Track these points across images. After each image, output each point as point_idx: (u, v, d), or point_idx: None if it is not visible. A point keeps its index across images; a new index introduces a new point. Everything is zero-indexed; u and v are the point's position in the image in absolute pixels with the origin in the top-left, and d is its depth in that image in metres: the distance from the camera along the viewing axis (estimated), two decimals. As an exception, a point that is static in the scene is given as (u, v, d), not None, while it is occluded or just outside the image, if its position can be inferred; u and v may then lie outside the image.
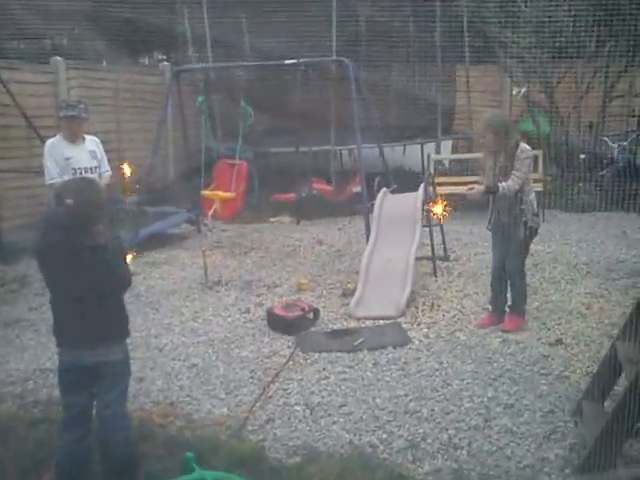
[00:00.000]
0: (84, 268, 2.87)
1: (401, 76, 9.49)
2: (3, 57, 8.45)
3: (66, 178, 5.00)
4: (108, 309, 2.99)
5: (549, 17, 8.36)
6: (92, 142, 5.32)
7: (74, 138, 5.16)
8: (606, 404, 3.51)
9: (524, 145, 4.80)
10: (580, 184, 9.07)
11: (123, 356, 3.11)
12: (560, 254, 6.82)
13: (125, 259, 3.15)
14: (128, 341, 4.35)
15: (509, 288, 5.02)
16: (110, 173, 5.47)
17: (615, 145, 9.29)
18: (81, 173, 5.08)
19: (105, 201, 3.03)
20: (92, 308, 2.91)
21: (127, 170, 6.20)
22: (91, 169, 5.17)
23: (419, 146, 9.67)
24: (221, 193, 7.24)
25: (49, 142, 5.22)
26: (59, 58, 8.06)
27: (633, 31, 7.78)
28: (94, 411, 3.08)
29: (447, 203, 6.34)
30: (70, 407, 3.09)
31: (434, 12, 9.24)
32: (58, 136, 5.21)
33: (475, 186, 4.88)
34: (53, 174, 5.09)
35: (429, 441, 3.50)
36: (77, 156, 5.13)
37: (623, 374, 3.35)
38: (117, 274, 2.99)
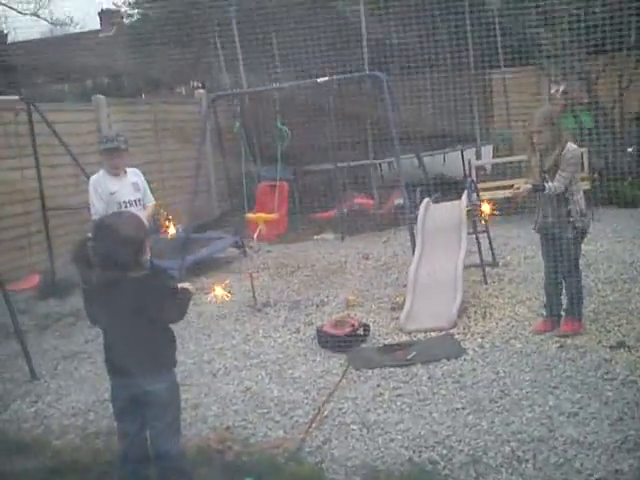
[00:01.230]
0: (124, 301, 2.90)
1: (436, 84, 9.41)
2: (49, 100, 8.77)
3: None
4: (151, 339, 3.00)
5: (583, 11, 8.18)
6: (134, 174, 5.42)
7: (116, 171, 5.26)
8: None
9: (571, 144, 4.70)
10: (629, 178, 8.79)
11: (169, 385, 3.11)
12: (614, 252, 6.60)
13: (172, 290, 3.15)
14: (182, 368, 4.44)
15: (563, 291, 4.88)
16: (154, 203, 5.56)
17: (663, 136, 8.99)
18: (126, 206, 5.18)
19: (144, 233, 3.05)
20: (134, 339, 2.94)
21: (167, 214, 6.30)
22: (135, 201, 5.27)
23: (459, 153, 9.57)
24: (264, 215, 7.29)
25: (93, 178, 5.34)
26: (100, 96, 8.29)
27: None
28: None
29: (493, 207, 6.24)
30: (123, 436, 3.14)
31: (464, 17, 9.15)
32: (101, 171, 5.33)
33: (522, 186, 4.78)
34: (99, 209, 5.20)
35: (491, 455, 3.39)
36: (121, 190, 5.23)
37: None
38: (161, 306, 3.01)
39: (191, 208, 7.66)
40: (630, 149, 9.01)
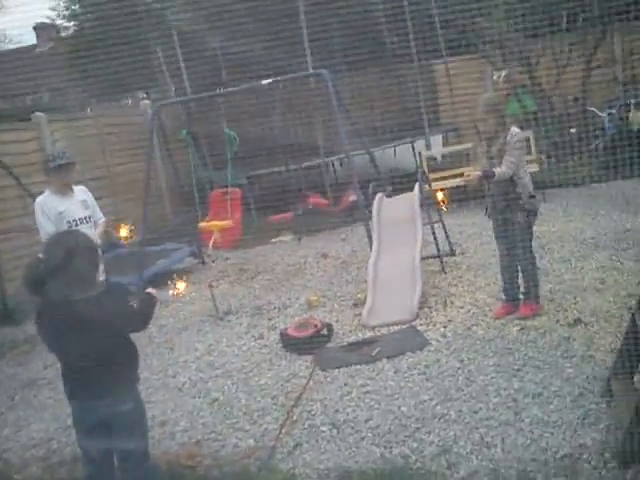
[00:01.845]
0: (81, 322, 2.82)
1: (380, 78, 9.47)
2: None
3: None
4: (112, 358, 2.92)
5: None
6: (81, 192, 5.27)
7: (64, 189, 5.10)
8: (636, 379, 3.43)
9: (514, 129, 4.78)
10: (575, 158, 9.01)
11: (134, 403, 3.04)
12: (566, 232, 6.75)
13: (130, 307, 3.09)
14: (147, 385, 4.35)
15: (520, 274, 4.96)
16: (104, 219, 5.42)
17: (604, 114, 9.23)
18: (76, 224, 5.04)
19: (95, 251, 2.98)
20: (94, 359, 2.86)
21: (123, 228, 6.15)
22: (85, 219, 5.12)
23: (409, 145, 9.64)
24: (218, 222, 7.22)
25: (39, 199, 5.17)
26: (40, 113, 8.07)
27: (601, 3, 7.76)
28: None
29: (445, 196, 6.32)
30: (89, 462, 3.05)
31: (403, 9, 9.22)
32: (47, 192, 5.17)
33: (472, 173, 4.84)
34: (48, 230, 5.04)
35: (461, 443, 3.42)
36: (69, 208, 5.08)
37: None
38: (121, 322, 2.95)
39: (145, 220, 7.53)
40: (573, 130, 9.22)
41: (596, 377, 3.79)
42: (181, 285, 4.25)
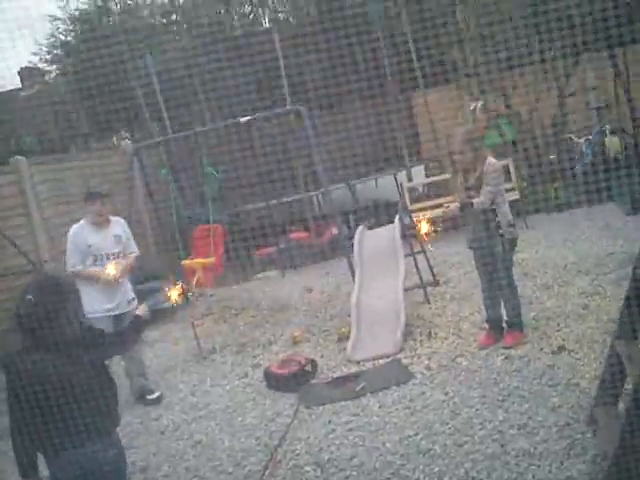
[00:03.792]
0: (51, 367, 2.77)
1: (359, 112, 9.55)
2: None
3: (88, 264, 4.98)
4: (93, 400, 2.86)
5: (491, 31, 8.51)
6: (118, 225, 5.22)
7: (99, 220, 5.06)
8: (620, 406, 3.39)
9: (491, 159, 4.82)
10: (555, 184, 9.09)
11: (116, 451, 2.97)
12: (548, 258, 6.76)
13: (105, 353, 3.06)
14: (129, 429, 4.27)
15: (502, 303, 4.95)
16: (136, 254, 5.30)
17: (581, 140, 9.34)
18: (103, 259, 5.01)
19: (68, 295, 2.94)
20: (72, 406, 2.79)
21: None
22: (114, 254, 5.06)
23: (392, 177, 9.68)
24: (201, 260, 7.18)
25: (72, 228, 5.11)
26: (19, 157, 8.05)
27: (573, 30, 7.93)
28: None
29: (430, 227, 6.32)
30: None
31: (379, 43, 9.36)
32: (82, 221, 5.12)
33: (450, 205, 4.86)
34: (74, 262, 5.01)
35: (446, 479, 3.36)
36: (99, 242, 5.03)
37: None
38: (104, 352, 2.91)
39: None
40: (552, 157, 9.33)
41: (581, 405, 3.76)
42: (173, 293, 4.24)
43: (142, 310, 3.29)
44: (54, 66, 13.75)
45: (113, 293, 5.01)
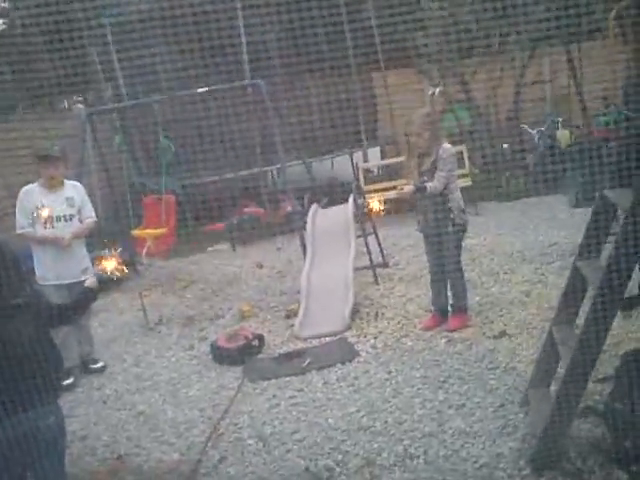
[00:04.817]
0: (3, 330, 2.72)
1: (319, 89, 9.52)
2: None
3: (37, 228, 4.83)
4: (35, 366, 2.82)
5: (453, 16, 8.58)
6: (72, 188, 5.05)
7: (51, 183, 4.90)
8: (551, 389, 3.54)
9: (446, 144, 4.88)
10: (507, 173, 9.29)
11: (55, 419, 2.93)
12: (496, 245, 6.92)
13: (49, 321, 3.01)
14: (70, 397, 4.22)
15: (449, 287, 5.06)
16: (93, 220, 5.15)
17: (534, 131, 9.56)
18: (52, 222, 4.86)
19: (7, 260, 2.87)
20: (14, 372, 2.75)
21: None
22: (65, 217, 4.92)
23: (348, 157, 9.71)
24: (152, 230, 7.09)
25: (23, 189, 4.94)
26: (-36, 113, 7.75)
27: (533, 22, 8.07)
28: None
29: (380, 207, 6.40)
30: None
31: (342, 19, 9.31)
32: (35, 183, 4.96)
33: (405, 187, 4.91)
34: (22, 224, 4.85)
35: (385, 455, 3.45)
36: (50, 204, 4.87)
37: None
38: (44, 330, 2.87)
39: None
40: (505, 146, 9.52)
41: (517, 388, 3.90)
42: (109, 264, 4.19)
43: (92, 282, 3.25)
44: (0, 20, 13.19)
45: (65, 260, 4.89)
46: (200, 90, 6.75)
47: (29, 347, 2.80)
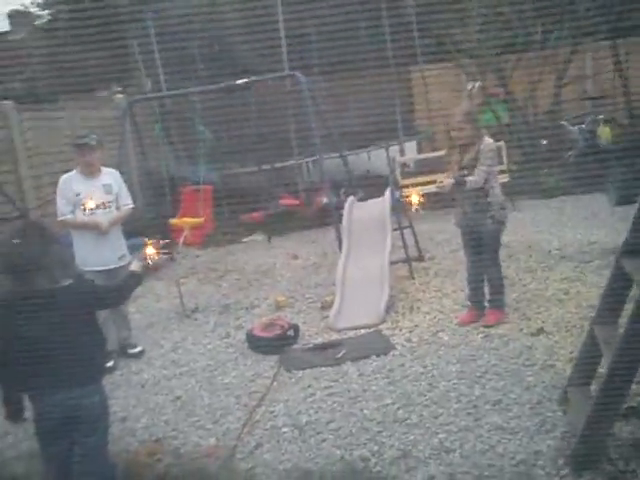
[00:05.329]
0: (40, 312, 2.80)
1: (356, 81, 9.50)
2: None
3: (77, 214, 4.96)
4: (80, 350, 2.90)
5: (495, 11, 8.48)
6: (109, 175, 5.16)
7: (88, 170, 5.02)
8: (592, 388, 3.50)
9: (487, 139, 4.84)
10: (545, 170, 9.15)
11: (100, 398, 3.02)
12: (533, 242, 6.85)
13: (97, 299, 3.09)
14: (110, 380, 4.32)
15: (486, 282, 5.02)
16: (131, 207, 5.26)
17: (575, 128, 9.39)
18: (91, 209, 4.99)
19: (51, 243, 2.95)
20: (61, 352, 2.83)
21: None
22: (103, 204, 5.03)
23: (384, 150, 9.67)
24: (189, 219, 7.17)
25: (62, 177, 5.08)
26: (7, 102, 7.91)
27: (575, 18, 7.93)
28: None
29: (418, 201, 6.37)
30: (49, 459, 3.00)
31: (381, 14, 9.27)
32: (74, 171, 5.08)
33: (444, 180, 4.89)
34: (63, 211, 4.99)
35: (420, 448, 3.45)
36: (87, 191, 4.99)
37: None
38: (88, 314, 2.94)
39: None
40: (544, 142, 9.38)
41: (555, 386, 3.86)
42: (150, 249, 4.26)
43: (137, 266, 3.32)
44: (46, 11, 13.43)
45: (103, 247, 4.99)
46: (239, 81, 6.80)
47: (76, 328, 2.88)
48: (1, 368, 2.91)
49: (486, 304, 5.04)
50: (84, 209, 4.97)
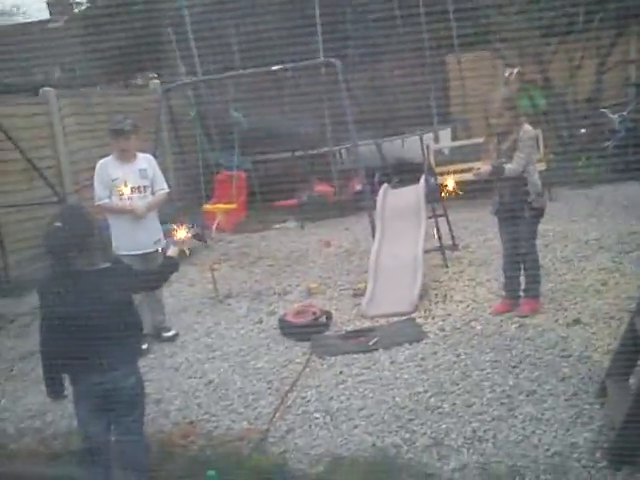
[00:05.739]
0: (80, 294, 2.85)
1: (392, 69, 9.42)
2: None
3: (114, 199, 5.04)
4: (118, 331, 2.95)
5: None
6: (145, 160, 5.22)
7: (124, 155, 5.09)
8: (631, 381, 3.43)
9: (527, 126, 4.76)
10: (584, 158, 8.96)
11: (136, 379, 3.07)
12: (570, 232, 6.72)
13: (132, 287, 3.13)
14: (144, 363, 4.38)
15: (522, 272, 4.95)
16: (166, 191, 5.31)
17: (615, 116, 9.16)
18: (127, 194, 5.05)
19: (92, 227, 2.99)
20: (99, 333, 2.88)
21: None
22: (139, 188, 5.10)
23: (418, 137, 9.58)
24: (222, 205, 7.22)
25: (99, 162, 5.16)
26: (48, 88, 8.05)
27: (619, 1, 7.69)
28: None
29: (453, 189, 6.28)
30: (88, 437, 3.07)
31: (417, 2, 9.16)
32: (110, 156, 5.16)
33: (482, 167, 4.81)
34: (100, 195, 5.08)
35: (453, 436, 3.43)
36: (124, 176, 5.06)
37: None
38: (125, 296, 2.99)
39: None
40: (583, 130, 9.17)
41: (591, 378, 3.79)
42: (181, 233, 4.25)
43: (174, 251, 3.36)
44: (84, -1, 13.62)
45: (139, 231, 5.06)
46: (274, 68, 6.79)
47: (113, 310, 2.92)
48: (43, 347, 2.98)
49: (521, 294, 4.97)
50: (120, 194, 5.04)
